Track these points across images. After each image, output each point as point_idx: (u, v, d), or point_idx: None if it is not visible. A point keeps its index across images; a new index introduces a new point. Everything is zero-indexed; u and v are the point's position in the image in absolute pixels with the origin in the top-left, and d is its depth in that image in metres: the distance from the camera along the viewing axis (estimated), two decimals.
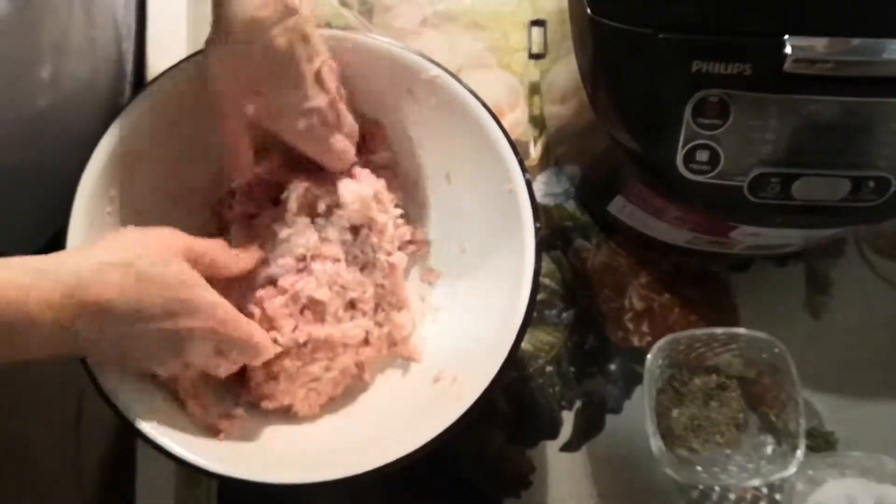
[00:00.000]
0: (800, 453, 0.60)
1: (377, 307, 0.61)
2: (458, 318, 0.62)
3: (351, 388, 0.61)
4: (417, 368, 0.62)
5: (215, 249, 0.55)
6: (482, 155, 0.58)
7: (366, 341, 0.61)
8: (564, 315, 0.69)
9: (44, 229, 0.62)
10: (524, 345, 0.68)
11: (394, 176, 0.64)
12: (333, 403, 0.61)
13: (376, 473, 0.50)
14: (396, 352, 0.62)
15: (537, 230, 0.55)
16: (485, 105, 0.58)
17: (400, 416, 0.57)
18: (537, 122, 0.73)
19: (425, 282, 0.65)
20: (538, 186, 0.72)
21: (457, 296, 0.63)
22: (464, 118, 0.58)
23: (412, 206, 0.65)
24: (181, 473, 0.64)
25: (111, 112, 0.58)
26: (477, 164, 0.59)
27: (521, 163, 0.56)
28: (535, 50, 0.70)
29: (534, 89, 0.74)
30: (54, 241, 0.57)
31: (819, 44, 0.52)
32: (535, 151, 0.73)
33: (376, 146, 0.64)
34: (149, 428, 0.51)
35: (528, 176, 0.56)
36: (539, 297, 0.68)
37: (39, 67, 0.55)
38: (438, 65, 0.58)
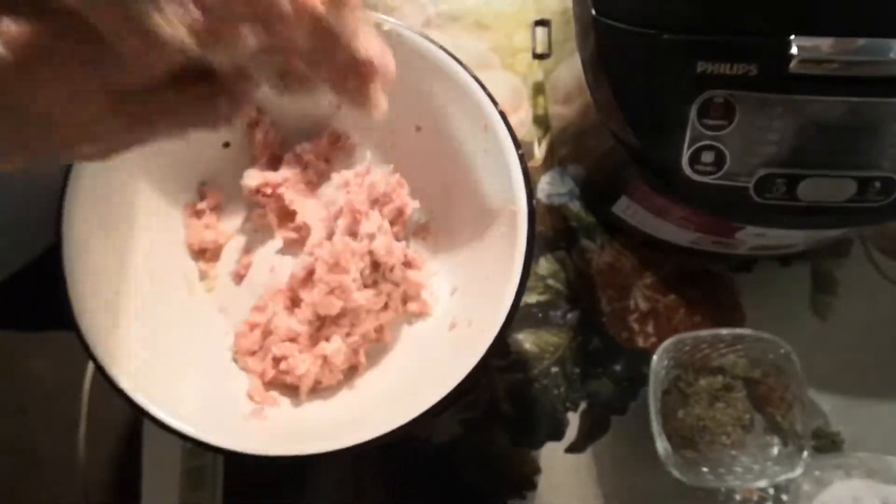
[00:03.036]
0: (806, 454, 0.60)
1: (393, 267, 0.61)
2: (460, 265, 0.62)
3: (369, 353, 0.61)
4: (431, 320, 0.62)
5: None
6: (449, 98, 0.58)
7: (385, 305, 0.60)
8: (569, 316, 0.69)
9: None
10: (528, 345, 0.68)
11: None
12: (355, 370, 0.61)
13: (413, 426, 0.50)
14: (408, 309, 0.62)
15: (521, 157, 0.55)
16: (445, 49, 0.57)
17: (424, 370, 0.57)
18: (541, 122, 0.73)
19: (419, 237, 0.65)
20: (542, 187, 0.71)
21: (453, 244, 0.63)
22: (424, 66, 0.58)
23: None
24: (187, 474, 0.65)
25: None
26: (446, 109, 0.59)
27: (490, 97, 0.56)
28: (538, 50, 0.70)
29: (538, 89, 0.73)
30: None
31: (825, 44, 0.51)
32: (539, 152, 0.73)
33: None
34: (153, 408, 0.51)
35: (500, 108, 0.56)
36: (543, 297, 0.69)
37: None
38: (390, 19, 0.58)
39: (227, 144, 0.65)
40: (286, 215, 0.63)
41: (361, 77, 0.39)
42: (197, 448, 0.51)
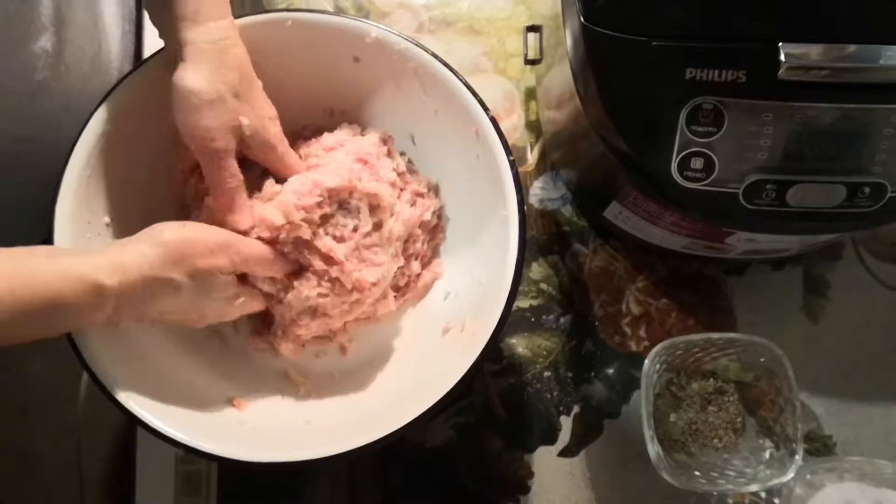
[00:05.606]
0: (798, 457, 0.60)
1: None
2: (453, 270, 0.63)
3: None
4: (425, 326, 0.62)
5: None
6: (441, 106, 0.59)
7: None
8: (562, 320, 0.69)
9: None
10: (521, 350, 0.68)
11: None
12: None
13: (407, 430, 0.51)
14: (405, 298, 0.63)
15: (512, 162, 0.55)
16: (436, 56, 0.57)
17: (417, 375, 0.58)
18: (534, 127, 0.73)
19: None
20: (535, 191, 0.72)
21: (445, 249, 0.64)
22: (415, 73, 0.58)
23: None
24: (181, 478, 0.65)
25: None
26: (438, 117, 0.60)
27: (482, 103, 0.56)
28: (530, 55, 0.70)
29: (530, 94, 0.74)
30: None
31: (813, 51, 0.51)
32: (531, 156, 0.73)
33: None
34: (148, 416, 0.51)
35: (490, 114, 0.56)
36: (536, 302, 0.69)
37: (40, 37, 0.54)
38: (379, 26, 0.58)
39: None
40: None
41: None
42: (190, 454, 0.51)
